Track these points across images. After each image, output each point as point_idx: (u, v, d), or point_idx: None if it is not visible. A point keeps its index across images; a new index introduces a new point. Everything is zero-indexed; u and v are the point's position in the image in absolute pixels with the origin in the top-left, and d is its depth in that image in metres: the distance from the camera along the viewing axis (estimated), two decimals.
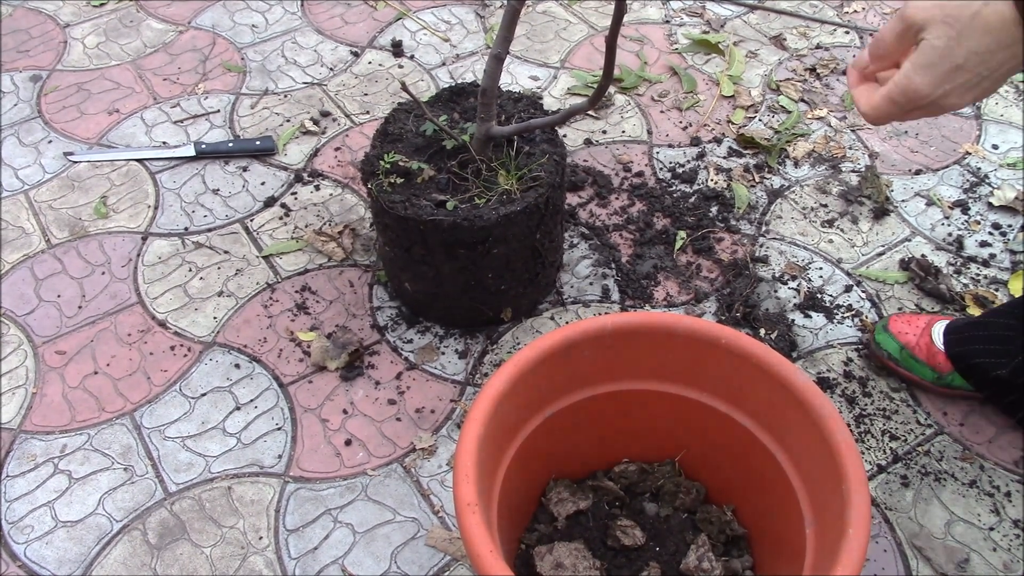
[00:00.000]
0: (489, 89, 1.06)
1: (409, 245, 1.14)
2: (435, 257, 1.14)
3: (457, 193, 1.12)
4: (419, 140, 1.19)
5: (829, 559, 0.78)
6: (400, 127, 1.21)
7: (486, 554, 0.76)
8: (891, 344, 1.18)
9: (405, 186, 1.13)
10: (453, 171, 1.14)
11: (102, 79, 1.71)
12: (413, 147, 1.18)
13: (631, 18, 1.86)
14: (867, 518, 0.79)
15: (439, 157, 1.17)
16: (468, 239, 1.10)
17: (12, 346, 1.27)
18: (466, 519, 0.79)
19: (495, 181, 1.13)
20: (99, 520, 1.08)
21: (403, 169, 1.14)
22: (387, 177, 1.13)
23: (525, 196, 1.11)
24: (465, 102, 1.26)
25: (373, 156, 1.16)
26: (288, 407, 1.19)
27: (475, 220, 1.08)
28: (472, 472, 0.82)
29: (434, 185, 1.13)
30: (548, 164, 1.15)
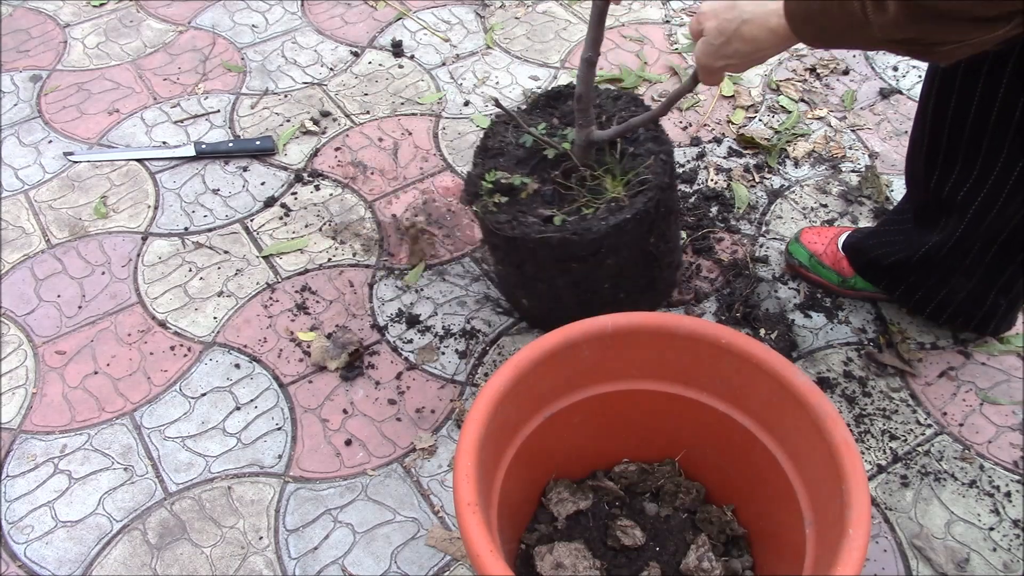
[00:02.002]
0: (584, 94, 1.02)
1: (520, 263, 1.11)
2: (548, 273, 1.09)
3: (563, 204, 1.08)
4: (520, 152, 1.15)
5: (829, 559, 0.78)
6: (499, 141, 1.17)
7: (486, 554, 0.76)
8: (802, 252, 1.32)
9: (510, 203, 1.08)
10: (557, 181, 1.10)
11: (102, 79, 1.71)
12: (515, 159, 1.14)
13: (631, 18, 1.86)
14: (867, 518, 0.79)
15: (542, 167, 1.12)
16: (579, 253, 1.05)
17: (12, 346, 1.27)
18: (466, 519, 0.79)
19: (602, 187, 1.08)
20: (99, 520, 1.08)
21: (506, 186, 1.09)
22: (491, 197, 1.08)
23: (634, 202, 1.05)
24: (563, 106, 1.22)
25: (475, 176, 1.12)
26: (288, 407, 1.19)
27: (584, 233, 1.02)
28: (472, 472, 0.82)
29: (540, 199, 1.09)
30: (655, 165, 1.09)
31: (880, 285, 1.26)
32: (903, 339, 1.25)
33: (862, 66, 1.73)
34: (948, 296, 1.19)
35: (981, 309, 1.19)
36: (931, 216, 1.13)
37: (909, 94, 1.66)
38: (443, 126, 1.61)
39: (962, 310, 1.21)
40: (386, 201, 1.47)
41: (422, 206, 1.46)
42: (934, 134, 1.05)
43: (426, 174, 1.52)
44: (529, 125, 1.16)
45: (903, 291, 1.23)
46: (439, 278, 1.35)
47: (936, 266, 1.15)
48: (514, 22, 1.85)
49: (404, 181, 1.50)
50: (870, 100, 1.66)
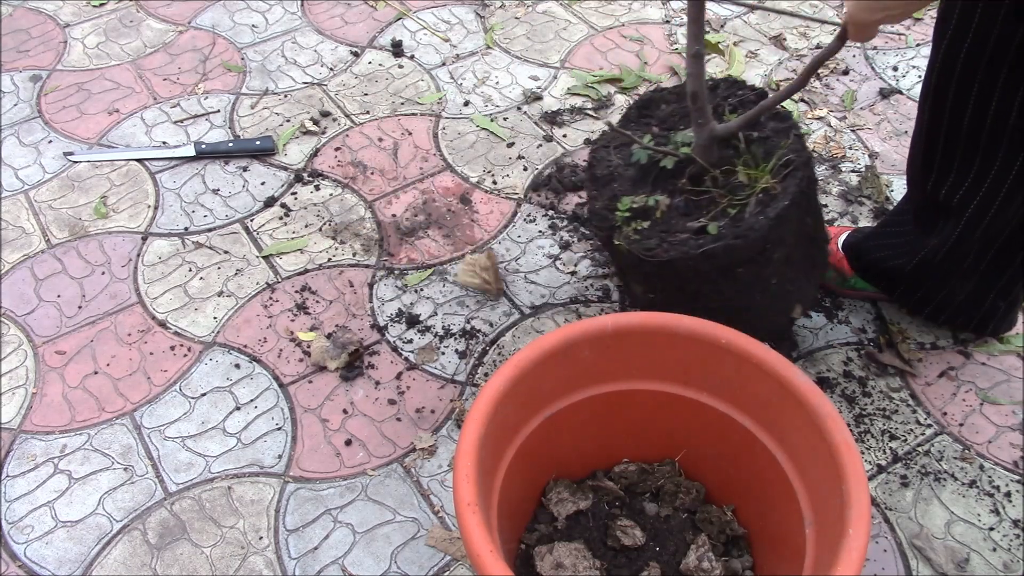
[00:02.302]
0: (699, 91, 0.96)
1: (680, 285, 1.02)
2: (712, 287, 1.01)
3: (701, 212, 1.00)
4: (632, 172, 1.08)
5: (829, 559, 0.78)
6: (606, 167, 1.10)
7: (486, 554, 0.76)
8: None
9: (650, 228, 1.01)
10: (687, 190, 1.03)
11: (102, 79, 1.71)
12: (630, 182, 1.07)
13: (631, 18, 1.86)
14: (867, 518, 0.79)
15: (663, 182, 1.05)
16: (745, 256, 0.97)
17: (12, 346, 1.27)
18: (466, 519, 0.79)
19: (739, 183, 1.01)
20: (99, 520, 1.08)
21: (640, 210, 1.02)
22: (629, 225, 1.01)
23: (787, 187, 0.97)
24: (657, 112, 1.15)
25: (602, 209, 1.04)
26: (288, 407, 1.19)
27: (748, 234, 0.95)
28: (472, 472, 0.82)
29: (675, 213, 1.02)
30: (793, 142, 1.01)
31: (879, 286, 1.26)
32: (903, 339, 1.25)
33: (862, 66, 1.73)
34: (947, 297, 1.19)
35: (980, 310, 1.19)
36: (929, 218, 1.13)
37: (909, 94, 1.66)
38: (443, 126, 1.61)
39: (961, 311, 1.21)
40: (386, 201, 1.47)
41: (422, 206, 1.46)
42: (931, 137, 1.05)
43: (426, 174, 1.52)
44: (631, 140, 1.09)
45: (902, 292, 1.23)
46: (439, 278, 1.35)
47: (934, 268, 1.15)
48: (514, 22, 1.85)
49: (404, 181, 1.50)
50: (870, 100, 1.66)
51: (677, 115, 1.12)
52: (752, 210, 0.97)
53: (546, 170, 1.51)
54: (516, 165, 1.53)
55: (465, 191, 1.48)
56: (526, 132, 1.59)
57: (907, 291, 1.23)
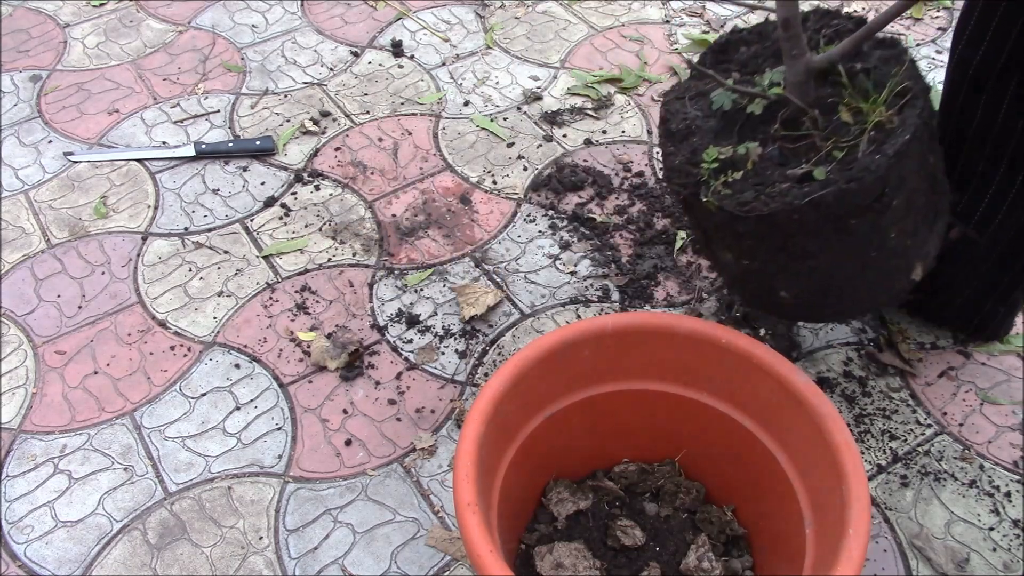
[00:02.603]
0: (791, 16, 0.83)
1: (781, 245, 0.88)
2: (821, 244, 0.87)
3: (801, 160, 0.86)
4: (713, 123, 0.94)
5: (829, 559, 0.78)
6: (682, 120, 0.96)
7: (486, 554, 0.76)
8: None
9: (741, 181, 0.87)
10: (781, 136, 0.89)
11: (102, 79, 1.71)
12: (711, 134, 0.93)
13: (631, 18, 1.86)
14: (867, 518, 0.79)
15: (750, 130, 0.91)
16: (861, 203, 0.83)
17: (12, 346, 1.27)
18: (466, 519, 0.79)
19: (841, 123, 0.87)
20: (99, 520, 1.08)
21: (728, 161, 0.89)
22: (717, 178, 0.88)
23: (906, 118, 0.83)
24: (735, 55, 1.01)
25: (684, 163, 0.91)
26: (288, 407, 1.19)
27: (864, 175, 0.81)
28: (472, 472, 0.82)
29: (769, 163, 0.88)
30: (907, 69, 0.87)
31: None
32: (903, 339, 1.25)
33: None
34: (946, 300, 1.19)
35: (979, 314, 1.20)
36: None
37: None
38: (443, 126, 1.61)
39: (960, 315, 1.21)
40: (386, 201, 1.47)
41: (422, 206, 1.46)
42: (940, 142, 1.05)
43: (426, 174, 1.52)
44: (707, 88, 0.95)
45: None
46: (439, 278, 1.35)
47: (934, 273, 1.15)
48: (514, 22, 1.85)
49: (404, 181, 1.50)
50: None
51: (760, 57, 0.98)
52: (865, 149, 0.83)
53: (546, 170, 1.52)
54: (516, 165, 1.53)
55: (465, 191, 1.48)
56: (526, 132, 1.59)
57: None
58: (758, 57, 0.98)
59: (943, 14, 1.86)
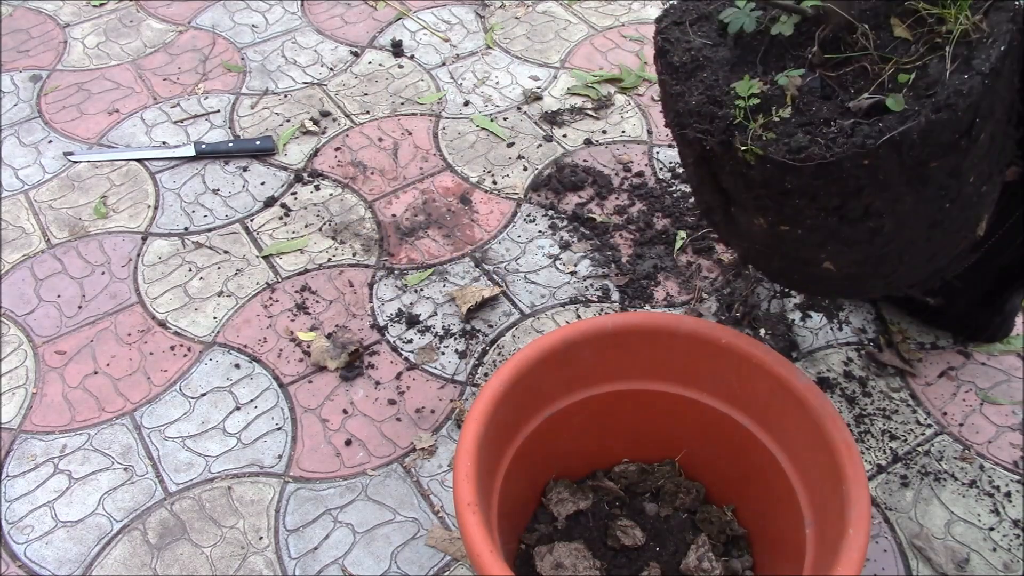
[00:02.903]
0: None
1: (840, 203, 0.70)
2: (885, 198, 0.70)
3: (850, 89, 0.70)
4: (724, 52, 0.76)
5: (829, 559, 0.78)
6: (686, 50, 0.77)
7: (486, 554, 0.76)
8: None
9: (781, 123, 0.69)
10: (820, 63, 0.72)
11: (102, 79, 1.71)
12: (726, 66, 0.75)
13: (631, 18, 1.86)
14: (867, 518, 0.79)
15: (775, 59, 0.74)
16: (949, 139, 0.66)
17: (12, 346, 1.27)
18: (466, 519, 0.79)
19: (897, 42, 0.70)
20: (99, 520, 1.08)
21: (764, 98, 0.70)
22: (755, 121, 0.69)
23: (996, 25, 0.67)
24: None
25: (705, 103, 0.72)
26: (288, 407, 1.19)
27: (956, 101, 0.64)
28: (472, 472, 0.82)
29: (812, 98, 0.70)
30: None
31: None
32: (903, 339, 1.25)
33: None
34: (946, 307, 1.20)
35: (976, 322, 1.21)
36: None
37: None
38: (443, 126, 1.61)
39: (958, 320, 1.22)
40: (386, 201, 1.47)
41: (422, 206, 1.46)
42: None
43: (426, 174, 1.52)
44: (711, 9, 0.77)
45: (900, 297, 1.24)
46: (439, 278, 1.35)
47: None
48: (514, 22, 1.85)
49: (404, 181, 1.50)
50: None
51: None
52: (946, 68, 0.66)
53: (546, 170, 1.51)
54: (516, 165, 1.53)
55: (465, 191, 1.48)
56: (526, 132, 1.59)
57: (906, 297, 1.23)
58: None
59: None
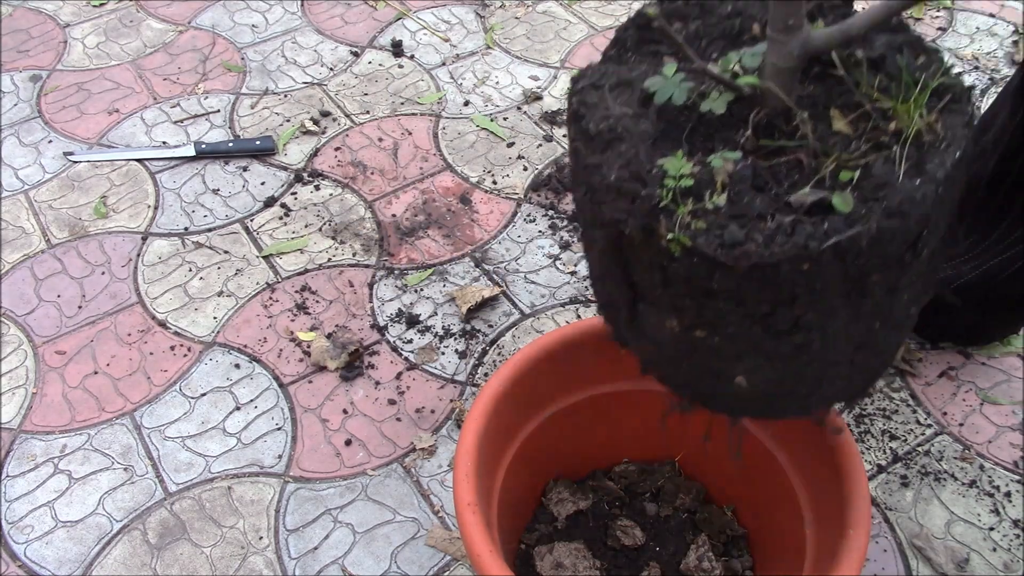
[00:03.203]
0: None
1: (769, 311, 0.61)
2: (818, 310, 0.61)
3: (785, 182, 0.61)
4: (646, 125, 0.65)
5: (829, 559, 0.78)
6: (604, 116, 0.66)
7: (486, 554, 0.76)
8: None
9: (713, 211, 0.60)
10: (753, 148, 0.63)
11: (102, 79, 1.71)
12: (648, 140, 0.64)
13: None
14: (867, 518, 0.79)
15: (702, 137, 0.65)
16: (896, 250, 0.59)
17: (12, 346, 1.27)
18: (466, 519, 0.79)
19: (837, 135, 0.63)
20: (99, 520, 1.08)
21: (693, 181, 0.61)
22: (684, 206, 0.59)
23: (951, 128, 0.61)
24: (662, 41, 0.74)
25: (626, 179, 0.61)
26: (288, 407, 1.19)
27: (910, 209, 0.57)
28: (472, 472, 0.82)
29: (743, 186, 0.61)
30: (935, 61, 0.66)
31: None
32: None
33: None
34: (948, 324, 1.20)
35: (979, 336, 1.22)
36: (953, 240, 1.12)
37: None
38: (443, 126, 1.61)
39: (960, 335, 1.23)
40: (386, 201, 1.47)
41: (422, 206, 1.46)
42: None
43: (426, 174, 1.52)
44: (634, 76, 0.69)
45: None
46: (439, 278, 1.35)
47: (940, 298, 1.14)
48: (514, 22, 1.85)
49: (404, 181, 1.50)
50: None
51: (704, 37, 0.73)
52: (895, 171, 0.59)
53: (546, 170, 1.52)
54: (516, 165, 1.53)
55: (465, 191, 1.48)
56: (526, 132, 1.59)
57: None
58: (701, 38, 0.73)
59: (943, 14, 1.86)
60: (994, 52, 1.76)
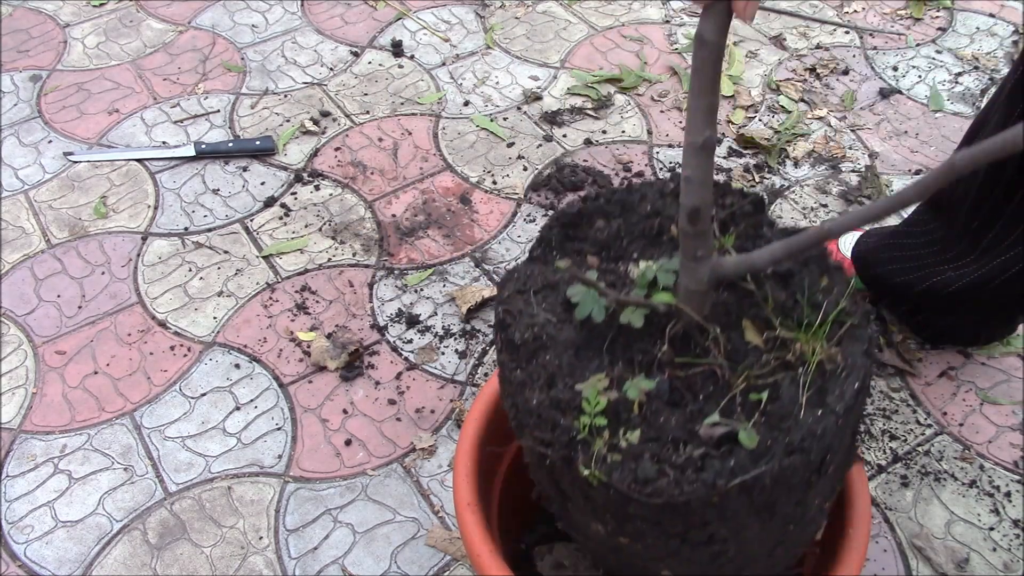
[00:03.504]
0: (703, 206, 0.60)
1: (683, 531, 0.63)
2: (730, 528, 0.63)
3: (698, 399, 0.65)
4: (569, 332, 0.69)
5: (829, 559, 0.78)
6: (528, 325, 0.69)
7: (486, 554, 0.76)
8: None
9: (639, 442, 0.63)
10: (669, 362, 0.67)
11: (102, 79, 1.71)
12: (571, 348, 0.68)
13: (631, 18, 1.86)
14: (867, 517, 0.79)
15: (622, 347, 0.69)
16: (798, 479, 0.61)
17: (12, 346, 1.27)
18: (466, 519, 0.79)
19: (747, 348, 0.67)
20: (99, 520, 1.08)
21: (614, 406, 0.64)
22: (600, 439, 0.62)
23: (850, 357, 0.64)
24: (591, 232, 0.78)
25: (546, 407, 0.64)
26: (288, 407, 1.19)
27: (811, 444, 0.59)
28: (472, 472, 0.82)
29: (658, 403, 0.65)
30: (837, 283, 0.69)
31: (882, 299, 1.26)
32: (903, 339, 1.25)
33: (862, 66, 1.73)
34: (950, 325, 1.20)
35: (979, 337, 1.22)
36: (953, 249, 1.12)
37: (909, 94, 1.66)
38: (443, 126, 1.61)
39: (960, 336, 1.23)
40: (386, 201, 1.47)
41: (422, 206, 1.46)
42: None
43: (426, 174, 1.52)
44: (558, 278, 0.73)
45: (904, 311, 1.24)
46: (439, 278, 1.35)
47: (943, 298, 1.14)
48: (514, 22, 1.85)
49: (404, 181, 1.50)
50: (870, 100, 1.66)
51: (624, 237, 0.77)
52: (797, 397, 0.62)
53: (546, 170, 1.52)
54: (516, 165, 1.53)
55: (465, 191, 1.48)
56: (526, 132, 1.59)
57: (910, 311, 1.23)
58: (622, 237, 0.77)
59: (943, 14, 1.86)
60: (994, 52, 1.76)
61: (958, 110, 1.63)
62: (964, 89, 1.68)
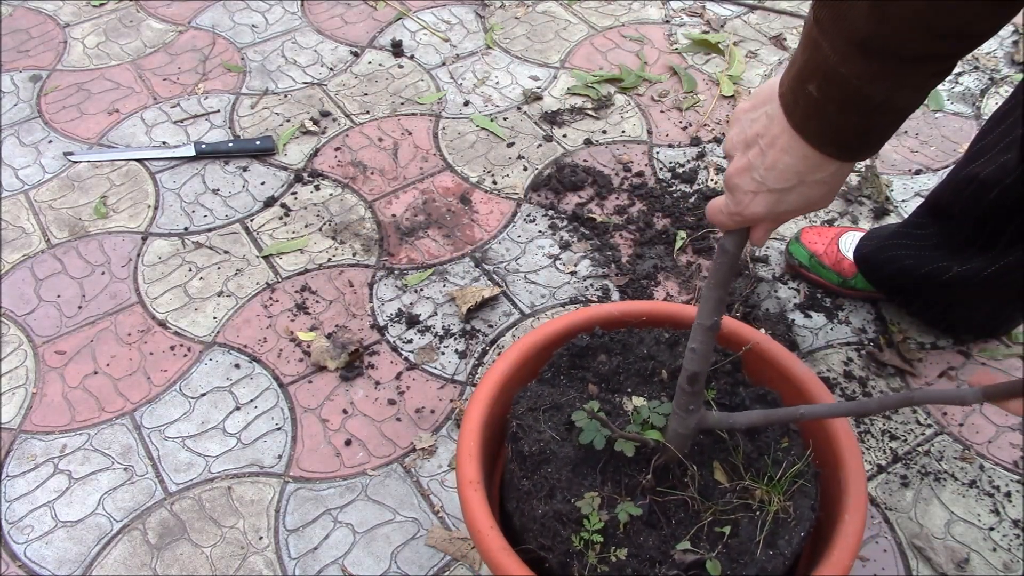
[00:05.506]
0: (700, 372, 0.75)
1: None
2: None
3: (672, 523, 0.80)
4: (569, 449, 0.84)
5: (825, 544, 0.79)
6: (536, 440, 0.85)
7: (486, 529, 0.77)
8: (802, 252, 1.31)
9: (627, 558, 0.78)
10: (651, 490, 0.82)
11: (102, 79, 1.71)
12: (568, 465, 0.83)
13: (631, 18, 1.86)
14: (863, 505, 0.80)
15: (614, 470, 0.83)
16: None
17: (12, 346, 1.26)
18: (468, 496, 0.79)
19: (714, 485, 0.83)
20: (99, 520, 1.08)
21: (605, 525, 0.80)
22: (591, 551, 0.78)
23: (799, 510, 0.80)
24: (593, 364, 0.93)
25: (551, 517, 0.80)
26: (288, 407, 1.19)
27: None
28: (475, 451, 0.83)
29: (640, 524, 0.80)
30: (795, 442, 0.85)
31: (882, 290, 1.26)
32: (903, 339, 1.25)
33: None
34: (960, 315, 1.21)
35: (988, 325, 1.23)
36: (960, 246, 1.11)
37: None
38: (443, 126, 1.61)
39: (969, 325, 1.23)
40: (386, 201, 1.47)
41: (422, 206, 1.46)
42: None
43: (426, 174, 1.52)
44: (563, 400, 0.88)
45: (918, 306, 1.24)
46: (439, 278, 1.35)
47: (956, 292, 1.14)
48: (514, 22, 1.85)
49: (404, 181, 1.50)
50: None
51: (622, 372, 0.92)
52: (753, 538, 0.78)
53: (546, 170, 1.52)
54: (516, 165, 1.53)
55: (465, 191, 1.48)
56: (526, 132, 1.59)
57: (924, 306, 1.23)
58: (620, 373, 0.91)
59: None
60: (994, 52, 1.76)
61: (958, 110, 1.63)
62: (964, 89, 1.68)
